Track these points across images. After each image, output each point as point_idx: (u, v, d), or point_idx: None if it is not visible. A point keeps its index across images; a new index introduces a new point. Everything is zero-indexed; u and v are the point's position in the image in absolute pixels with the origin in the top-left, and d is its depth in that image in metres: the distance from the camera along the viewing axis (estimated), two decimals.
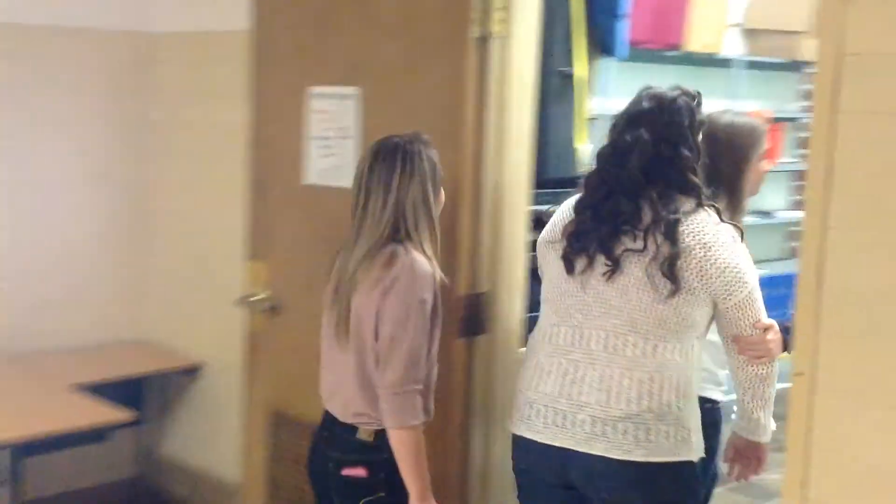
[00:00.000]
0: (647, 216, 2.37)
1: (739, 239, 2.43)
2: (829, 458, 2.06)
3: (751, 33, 5.96)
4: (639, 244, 2.36)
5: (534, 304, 3.09)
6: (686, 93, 2.44)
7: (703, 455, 2.43)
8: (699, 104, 2.46)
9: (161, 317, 4.26)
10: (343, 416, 2.48)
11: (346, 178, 2.95)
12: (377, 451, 2.43)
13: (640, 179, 2.38)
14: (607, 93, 3.99)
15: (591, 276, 2.41)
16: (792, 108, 6.54)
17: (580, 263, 2.42)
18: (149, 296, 4.28)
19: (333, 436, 2.49)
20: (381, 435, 2.42)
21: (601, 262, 2.40)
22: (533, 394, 2.46)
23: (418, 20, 2.91)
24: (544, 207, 3.28)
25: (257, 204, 3.42)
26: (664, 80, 2.67)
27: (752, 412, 2.57)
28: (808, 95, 6.67)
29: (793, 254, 6.70)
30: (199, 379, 4.09)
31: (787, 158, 6.40)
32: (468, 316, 2.85)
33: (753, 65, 5.93)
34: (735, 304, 2.41)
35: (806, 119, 6.65)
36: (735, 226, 2.45)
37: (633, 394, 2.36)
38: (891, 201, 1.95)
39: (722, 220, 2.42)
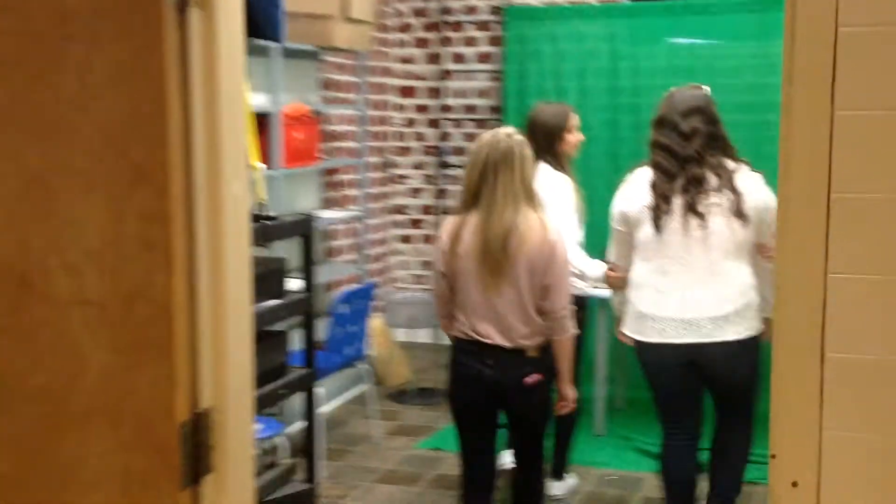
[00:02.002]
0: (712, 179, 3.50)
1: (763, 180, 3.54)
2: None
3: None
4: (715, 199, 3.48)
5: None
6: (706, 88, 3.71)
7: None
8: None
9: None
10: (509, 342, 3.23)
11: None
12: (542, 361, 3.29)
13: (703, 154, 3.51)
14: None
15: (689, 228, 3.48)
16: (314, 99, 5.96)
17: (672, 223, 3.50)
18: None
19: (505, 359, 3.24)
20: (542, 349, 3.28)
21: (693, 220, 3.47)
22: (660, 313, 3.54)
23: None
24: None
25: None
26: None
27: (769, 293, 3.45)
28: (327, 85, 6.16)
29: (329, 254, 6.18)
30: None
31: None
32: (190, 450, 1.80)
33: (289, 53, 5.23)
34: (769, 225, 3.43)
35: (329, 111, 6.13)
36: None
37: (735, 297, 3.51)
38: None
39: (753, 170, 3.58)
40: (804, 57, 1.46)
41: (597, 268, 4.15)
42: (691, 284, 3.50)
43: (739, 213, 3.46)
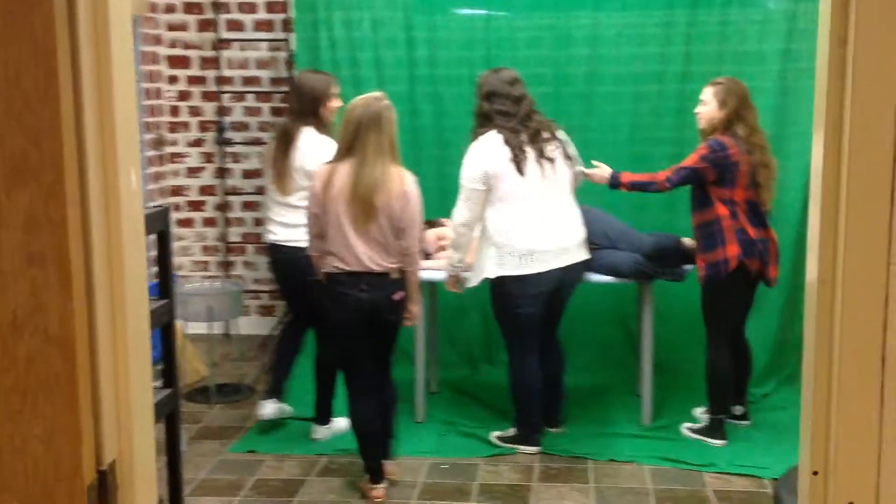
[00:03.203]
0: (545, 132, 4.42)
1: None
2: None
3: None
4: (552, 147, 4.42)
5: None
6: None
7: None
8: None
9: None
10: (378, 268, 3.87)
11: None
12: (402, 282, 3.94)
13: (532, 113, 4.42)
14: None
15: (545, 172, 4.37)
16: None
17: (532, 169, 4.33)
18: None
19: (375, 283, 3.89)
20: (400, 272, 3.93)
21: (546, 164, 4.37)
22: (540, 246, 4.33)
23: None
24: None
25: None
26: None
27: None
28: None
29: None
30: None
31: None
32: None
33: None
34: (578, 158, 4.59)
35: None
36: None
37: (580, 223, 4.50)
38: None
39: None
40: (866, 10, 1.27)
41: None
42: (554, 218, 4.38)
43: (568, 156, 4.45)
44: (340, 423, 4.67)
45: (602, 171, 4.55)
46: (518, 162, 4.29)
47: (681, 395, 5.10)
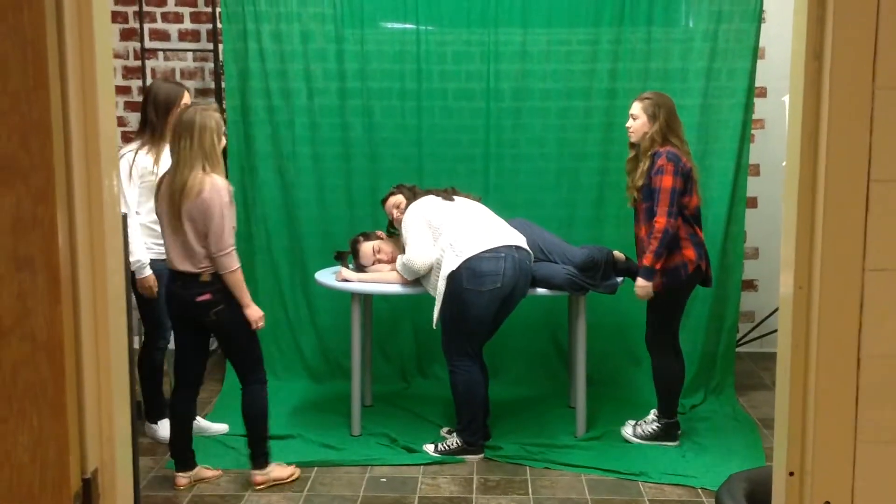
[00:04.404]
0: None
1: None
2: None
3: None
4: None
5: None
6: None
7: None
8: None
9: None
10: (190, 269, 4.08)
11: None
12: (213, 285, 4.08)
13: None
14: None
15: (471, 201, 4.94)
16: None
17: (460, 198, 4.90)
18: None
19: (186, 282, 4.09)
20: (213, 276, 4.08)
21: (462, 199, 4.90)
22: (488, 229, 4.66)
23: None
24: None
25: None
26: None
27: None
28: None
29: None
30: None
31: None
32: None
33: None
34: None
35: None
36: None
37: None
38: None
39: None
40: (841, 27, 1.32)
41: (143, 253, 4.55)
42: (494, 218, 4.79)
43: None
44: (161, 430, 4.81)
45: (640, 284, 4.47)
46: (447, 199, 4.76)
47: (612, 407, 5.18)
